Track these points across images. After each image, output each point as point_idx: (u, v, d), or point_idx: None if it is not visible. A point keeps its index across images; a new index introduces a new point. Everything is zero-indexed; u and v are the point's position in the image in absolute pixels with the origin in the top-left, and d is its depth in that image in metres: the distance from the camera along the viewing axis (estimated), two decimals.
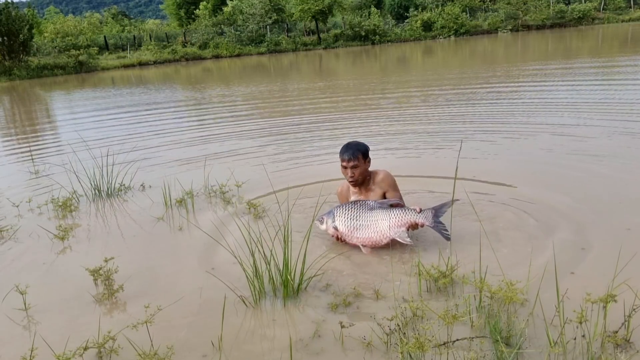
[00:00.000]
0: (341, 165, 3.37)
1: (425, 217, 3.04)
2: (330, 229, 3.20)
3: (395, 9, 42.47)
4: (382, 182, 3.40)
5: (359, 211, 3.12)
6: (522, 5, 37.04)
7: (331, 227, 3.18)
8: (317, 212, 3.34)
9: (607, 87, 9.61)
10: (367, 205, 3.14)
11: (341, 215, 3.15)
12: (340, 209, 3.18)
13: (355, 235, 3.12)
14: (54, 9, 63.60)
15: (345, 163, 3.31)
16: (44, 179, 5.56)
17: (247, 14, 39.33)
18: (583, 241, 3.09)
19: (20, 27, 29.89)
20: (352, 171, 3.31)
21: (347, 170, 3.33)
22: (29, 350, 2.17)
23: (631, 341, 2.09)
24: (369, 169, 3.43)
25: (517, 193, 3.99)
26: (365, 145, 3.40)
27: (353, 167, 3.30)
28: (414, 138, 6.29)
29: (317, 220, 3.25)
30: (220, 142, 7.05)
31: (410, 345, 1.93)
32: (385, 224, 3.06)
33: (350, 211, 3.14)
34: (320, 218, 3.25)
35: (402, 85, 12.79)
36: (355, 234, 3.12)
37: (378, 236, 3.08)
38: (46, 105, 15.95)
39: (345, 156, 3.30)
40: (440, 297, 2.57)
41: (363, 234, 3.10)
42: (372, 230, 3.08)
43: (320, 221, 3.24)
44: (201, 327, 2.48)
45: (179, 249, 3.50)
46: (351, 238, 3.14)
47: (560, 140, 5.65)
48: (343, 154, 3.33)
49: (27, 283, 2.81)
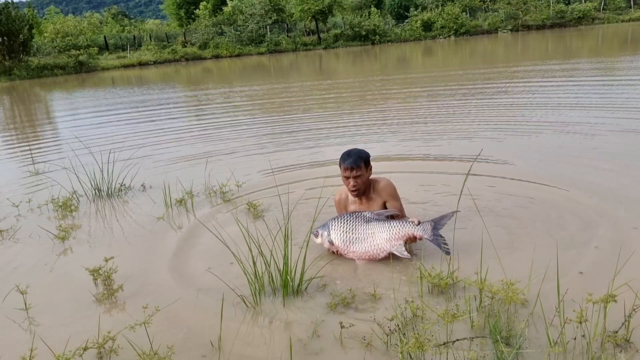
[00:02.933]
0: (342, 174, 3.19)
1: (424, 229, 2.92)
2: (325, 243, 3.09)
3: (395, 9, 42.48)
4: (383, 191, 3.23)
5: (355, 224, 3.00)
6: (522, 5, 37.04)
7: (326, 240, 3.07)
8: (317, 212, 3.33)
9: (608, 85, 9.62)
10: (363, 217, 3.01)
11: (336, 228, 3.03)
12: (335, 221, 3.06)
13: (351, 250, 3.01)
14: (54, 9, 63.52)
15: (347, 172, 3.12)
16: (44, 179, 5.56)
17: (247, 14, 39.32)
18: (586, 240, 3.09)
19: (20, 27, 29.90)
20: (355, 181, 3.13)
21: (348, 180, 3.15)
22: (28, 350, 2.17)
23: (631, 341, 2.09)
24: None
25: (518, 191, 3.99)
26: (366, 153, 3.23)
27: (355, 177, 3.12)
28: (419, 136, 6.30)
29: (312, 233, 3.12)
30: (220, 142, 7.05)
31: (410, 345, 1.93)
32: (382, 237, 2.94)
33: (345, 224, 3.02)
34: (315, 231, 3.13)
35: (403, 84, 12.78)
36: (351, 248, 3.00)
37: (375, 250, 2.97)
38: (46, 105, 15.95)
39: (347, 165, 3.11)
40: (441, 298, 2.57)
41: (359, 248, 2.99)
42: (368, 244, 2.97)
43: (315, 234, 3.13)
44: (201, 327, 2.48)
45: (179, 249, 3.50)
46: (347, 252, 3.04)
47: (565, 137, 5.67)
48: (344, 163, 3.13)
49: (27, 283, 2.81)
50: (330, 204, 3.66)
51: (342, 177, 3.21)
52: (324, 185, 4.17)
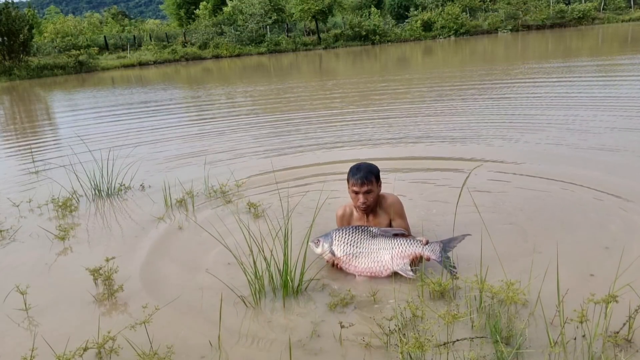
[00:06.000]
0: (351, 189, 3.04)
1: (432, 250, 2.78)
2: (326, 254, 2.94)
3: (395, 9, 42.46)
4: (390, 208, 3.09)
5: (360, 238, 2.87)
6: (522, 5, 37.04)
7: (327, 252, 2.92)
8: (317, 212, 3.30)
9: (608, 84, 9.62)
10: (369, 231, 2.88)
11: (340, 239, 2.89)
12: (339, 232, 2.93)
13: (353, 264, 2.87)
14: (54, 9, 63.64)
15: (358, 187, 2.97)
16: (44, 179, 5.56)
17: (247, 14, 39.31)
18: (587, 240, 3.09)
19: (20, 27, 29.92)
20: (365, 197, 2.98)
21: (358, 195, 2.99)
22: (29, 350, 2.17)
23: (632, 341, 2.09)
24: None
25: (518, 191, 3.99)
26: (377, 167, 3.08)
27: (366, 193, 2.97)
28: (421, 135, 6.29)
29: (312, 242, 2.97)
30: (220, 142, 7.05)
31: (410, 345, 1.93)
32: (387, 255, 2.81)
33: (350, 237, 2.88)
34: (316, 240, 2.98)
35: (403, 84, 12.77)
36: (354, 263, 2.86)
37: (378, 267, 2.82)
38: (46, 105, 15.94)
39: (358, 180, 2.95)
40: (441, 298, 2.56)
41: (362, 264, 2.85)
42: (372, 260, 2.83)
43: (316, 244, 2.97)
44: (201, 327, 2.48)
45: (179, 249, 3.50)
46: (348, 266, 2.89)
47: (567, 135, 5.68)
48: (354, 177, 2.98)
49: (27, 283, 2.81)
50: (331, 203, 3.66)
51: (350, 192, 3.06)
52: (323, 189, 4.17)
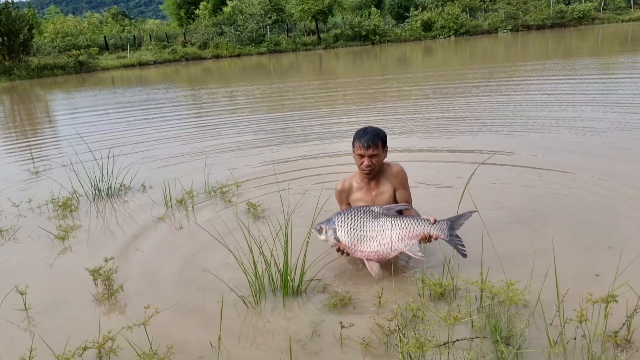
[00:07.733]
0: (356, 153, 2.95)
1: (440, 229, 2.70)
2: (330, 240, 2.81)
3: (395, 9, 42.45)
4: (395, 177, 3.02)
5: (363, 219, 2.74)
6: (522, 5, 37.05)
7: (332, 238, 2.80)
8: (317, 212, 3.27)
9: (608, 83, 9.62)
10: (372, 212, 2.75)
11: (343, 224, 2.76)
12: (341, 216, 2.79)
13: (359, 249, 2.75)
14: (54, 9, 63.65)
15: (363, 150, 2.89)
16: (44, 179, 5.56)
17: (247, 14, 39.31)
18: (587, 239, 3.09)
19: (20, 27, 29.91)
20: (370, 160, 2.90)
21: (363, 159, 2.92)
22: (28, 351, 2.17)
23: (632, 341, 2.09)
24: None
25: (519, 190, 3.99)
26: (384, 132, 2.99)
27: (371, 156, 2.90)
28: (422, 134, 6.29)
29: (315, 229, 2.86)
30: (220, 141, 7.04)
31: (410, 346, 1.93)
32: (394, 235, 2.71)
33: (353, 219, 2.75)
34: (318, 226, 2.84)
35: (403, 84, 12.77)
36: (360, 247, 2.74)
37: (385, 249, 2.72)
38: (46, 105, 15.94)
39: (364, 142, 2.87)
40: (441, 298, 2.56)
41: (368, 247, 2.73)
42: (378, 242, 2.72)
43: (319, 230, 2.84)
44: (200, 327, 2.48)
45: (179, 249, 3.49)
46: (355, 251, 2.78)
47: (573, 134, 5.69)
48: (360, 140, 2.90)
49: (27, 283, 2.81)
50: (331, 202, 3.65)
51: (355, 155, 2.98)
52: (323, 189, 4.16)
